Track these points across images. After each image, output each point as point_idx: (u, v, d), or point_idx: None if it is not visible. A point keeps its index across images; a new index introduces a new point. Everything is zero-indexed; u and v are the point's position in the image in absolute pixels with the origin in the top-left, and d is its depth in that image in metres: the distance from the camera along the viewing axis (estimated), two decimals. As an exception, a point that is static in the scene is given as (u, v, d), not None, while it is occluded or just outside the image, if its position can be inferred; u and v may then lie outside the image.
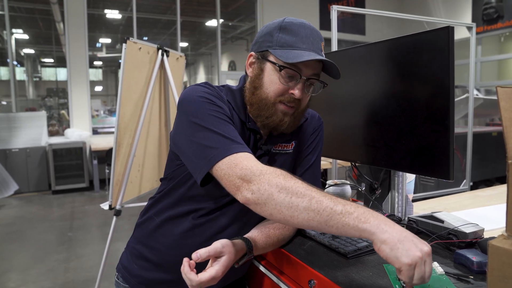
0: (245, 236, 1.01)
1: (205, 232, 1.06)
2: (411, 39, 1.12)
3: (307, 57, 0.95)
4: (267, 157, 1.10)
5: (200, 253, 0.86)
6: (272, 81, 1.01)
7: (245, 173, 0.85)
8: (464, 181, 3.16)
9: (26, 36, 8.93)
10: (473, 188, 3.27)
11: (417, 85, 1.12)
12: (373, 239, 0.75)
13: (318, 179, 1.19)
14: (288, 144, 1.13)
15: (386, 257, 0.72)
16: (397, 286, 0.84)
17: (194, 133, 0.95)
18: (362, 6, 8.81)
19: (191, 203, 1.07)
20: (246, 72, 1.09)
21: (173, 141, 1.06)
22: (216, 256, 0.90)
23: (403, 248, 0.71)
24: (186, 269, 0.86)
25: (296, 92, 1.00)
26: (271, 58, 1.01)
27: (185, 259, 0.87)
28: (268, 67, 1.01)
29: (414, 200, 1.74)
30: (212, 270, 0.87)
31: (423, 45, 1.09)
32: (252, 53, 1.06)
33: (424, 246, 0.72)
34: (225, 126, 0.95)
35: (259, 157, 1.08)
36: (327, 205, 0.78)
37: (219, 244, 0.90)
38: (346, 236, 0.79)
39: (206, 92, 1.00)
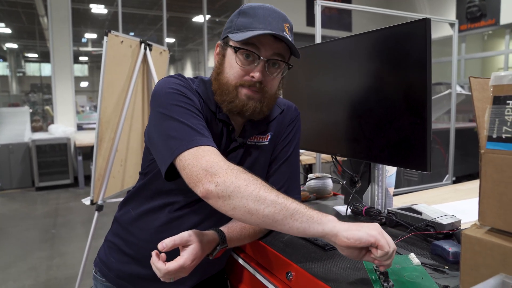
0: (220, 228, 1.00)
1: (181, 225, 1.04)
2: (389, 32, 1.12)
3: (257, 31, 0.93)
4: (242, 150, 1.08)
5: (165, 242, 0.84)
6: (231, 65, 0.99)
7: (211, 165, 0.83)
8: (447, 175, 3.20)
9: (8, 30, 8.74)
10: (456, 182, 3.31)
11: (395, 77, 1.12)
12: (337, 231, 0.78)
13: (296, 171, 1.17)
14: (264, 136, 1.11)
15: (359, 238, 0.76)
16: (373, 276, 0.84)
17: (162, 123, 0.94)
18: (349, 2, 8.85)
19: (167, 196, 1.06)
20: None
21: (146, 134, 1.05)
22: (184, 246, 0.88)
23: (365, 227, 0.79)
24: (154, 258, 0.85)
25: (256, 74, 0.97)
26: (230, 43, 1.00)
27: (154, 251, 0.86)
28: (229, 52, 1.01)
29: (397, 194, 1.75)
30: (180, 259, 0.85)
31: (401, 37, 1.09)
32: (218, 42, 1.06)
33: (374, 223, 0.81)
34: (193, 118, 0.94)
35: (233, 150, 1.07)
36: (292, 201, 0.81)
37: (186, 233, 0.88)
38: (307, 234, 0.81)
39: (177, 84, 0.99)
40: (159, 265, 0.84)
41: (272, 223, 0.81)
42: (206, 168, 0.83)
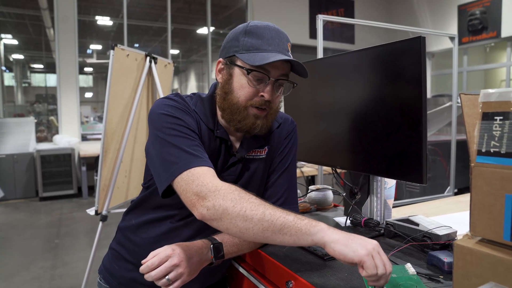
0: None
1: (181, 234, 1.09)
2: (387, 48, 1.16)
3: (273, 58, 0.96)
4: (241, 164, 1.12)
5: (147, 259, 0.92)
6: (241, 86, 1.02)
7: (200, 190, 0.88)
8: (449, 187, 3.21)
9: (15, 42, 8.87)
10: (457, 194, 3.32)
11: (392, 92, 1.16)
12: (325, 241, 0.80)
13: (293, 182, 1.20)
14: (261, 150, 1.15)
15: (343, 254, 0.78)
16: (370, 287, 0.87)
17: (158, 147, 0.98)
18: (352, 16, 8.93)
19: (168, 210, 1.10)
20: (216, 79, 1.10)
21: (145, 150, 1.09)
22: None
23: (356, 243, 0.78)
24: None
25: (266, 94, 1.01)
26: (239, 63, 1.02)
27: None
28: (237, 71, 1.03)
29: (398, 206, 1.77)
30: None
31: (397, 53, 1.13)
32: (221, 59, 1.07)
33: (372, 241, 0.80)
34: (187, 140, 0.97)
35: (232, 165, 1.10)
36: (280, 215, 0.83)
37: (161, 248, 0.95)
38: (298, 244, 0.84)
39: (171, 106, 1.02)
40: (143, 266, 0.90)
41: (264, 239, 0.85)
42: (197, 192, 0.88)
